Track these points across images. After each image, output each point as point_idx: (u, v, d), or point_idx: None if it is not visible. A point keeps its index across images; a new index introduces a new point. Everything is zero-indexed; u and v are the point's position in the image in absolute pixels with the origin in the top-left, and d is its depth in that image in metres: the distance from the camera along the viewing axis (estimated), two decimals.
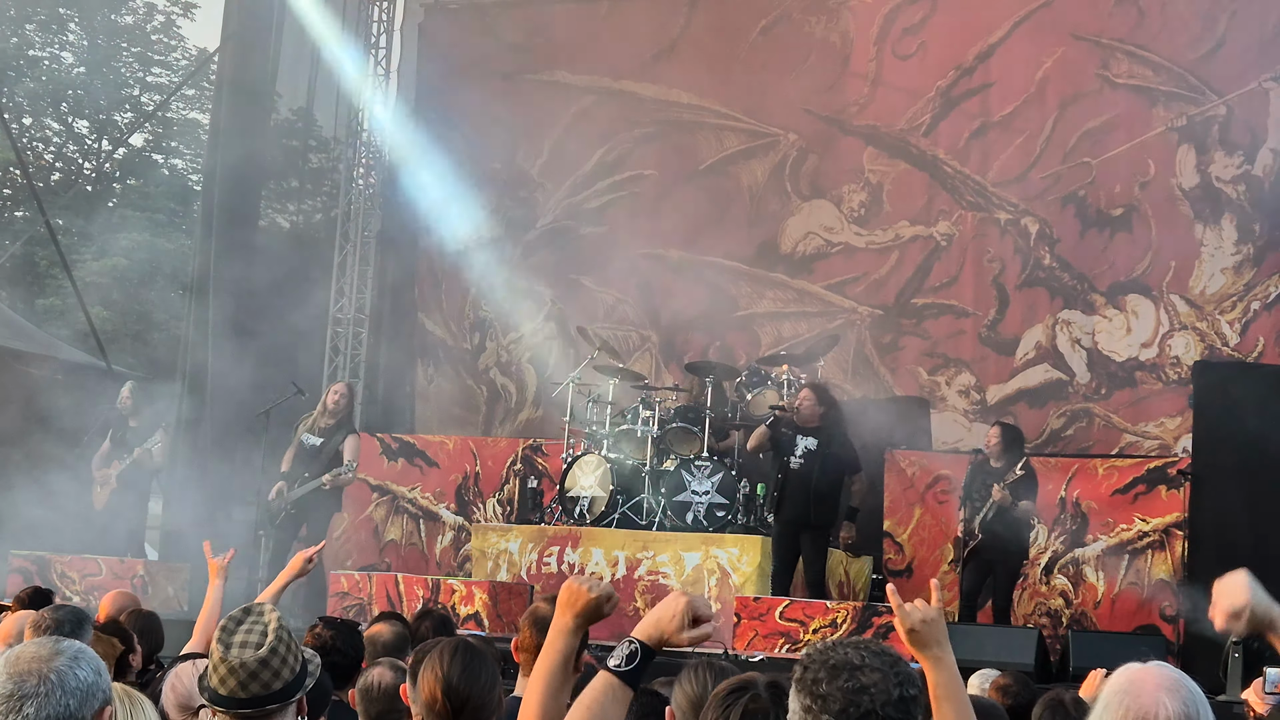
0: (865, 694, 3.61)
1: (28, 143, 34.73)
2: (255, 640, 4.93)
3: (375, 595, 15.84)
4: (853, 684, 3.62)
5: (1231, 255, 18.66)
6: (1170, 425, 18.61)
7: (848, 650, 3.71)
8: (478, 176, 22.86)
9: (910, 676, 3.70)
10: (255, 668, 4.89)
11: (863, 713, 3.59)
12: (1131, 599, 15.95)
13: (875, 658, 3.68)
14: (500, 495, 19.28)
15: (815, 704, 3.64)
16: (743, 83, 21.24)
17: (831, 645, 3.75)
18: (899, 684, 3.65)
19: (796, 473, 15.24)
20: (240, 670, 4.88)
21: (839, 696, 3.61)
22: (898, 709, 3.62)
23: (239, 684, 4.88)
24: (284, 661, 4.94)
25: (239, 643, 4.93)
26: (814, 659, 3.72)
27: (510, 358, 22.66)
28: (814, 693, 3.66)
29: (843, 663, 3.67)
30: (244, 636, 4.94)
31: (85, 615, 7.59)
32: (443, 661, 5.31)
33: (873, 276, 20.57)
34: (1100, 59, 19.49)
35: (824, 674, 3.66)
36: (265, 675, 4.90)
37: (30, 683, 3.77)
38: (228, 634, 4.97)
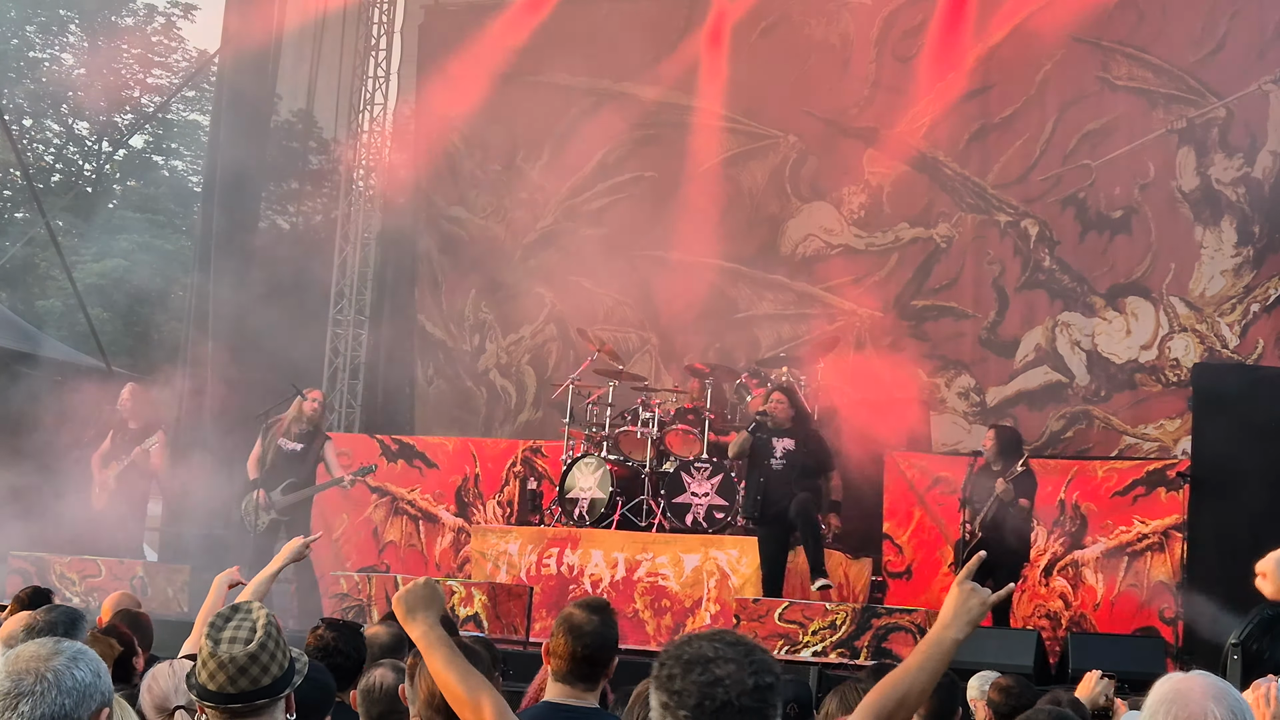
0: (720, 686, 3.59)
1: (28, 144, 34.76)
2: (244, 636, 4.94)
3: (375, 596, 15.83)
4: (706, 677, 3.61)
5: (1231, 257, 18.67)
6: (1170, 427, 18.63)
7: (701, 643, 3.69)
8: (477, 178, 22.88)
9: (766, 664, 3.69)
10: (244, 663, 4.90)
11: (718, 705, 3.58)
12: (1131, 601, 15.95)
13: (729, 648, 3.67)
14: (500, 497, 19.27)
15: (671, 700, 3.63)
16: (743, 84, 21.24)
17: (686, 639, 3.74)
18: (754, 673, 3.64)
19: (779, 474, 15.22)
20: (229, 665, 4.89)
21: (694, 690, 3.60)
22: (754, 698, 3.61)
23: (228, 679, 4.89)
24: (272, 657, 4.95)
25: (228, 638, 4.94)
26: (669, 654, 3.71)
27: (510, 359, 22.67)
28: (669, 689, 3.65)
29: (696, 656, 3.65)
30: (232, 632, 4.95)
31: (79, 615, 7.56)
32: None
33: (872, 278, 20.57)
34: (1100, 61, 19.50)
35: (678, 669, 3.65)
36: (254, 670, 4.91)
37: (27, 681, 3.77)
38: (216, 630, 4.98)
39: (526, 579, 16.19)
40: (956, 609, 4.62)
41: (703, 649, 3.67)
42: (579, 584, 15.95)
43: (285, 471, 16.89)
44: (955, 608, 4.62)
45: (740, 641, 3.72)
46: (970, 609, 4.60)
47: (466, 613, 15.04)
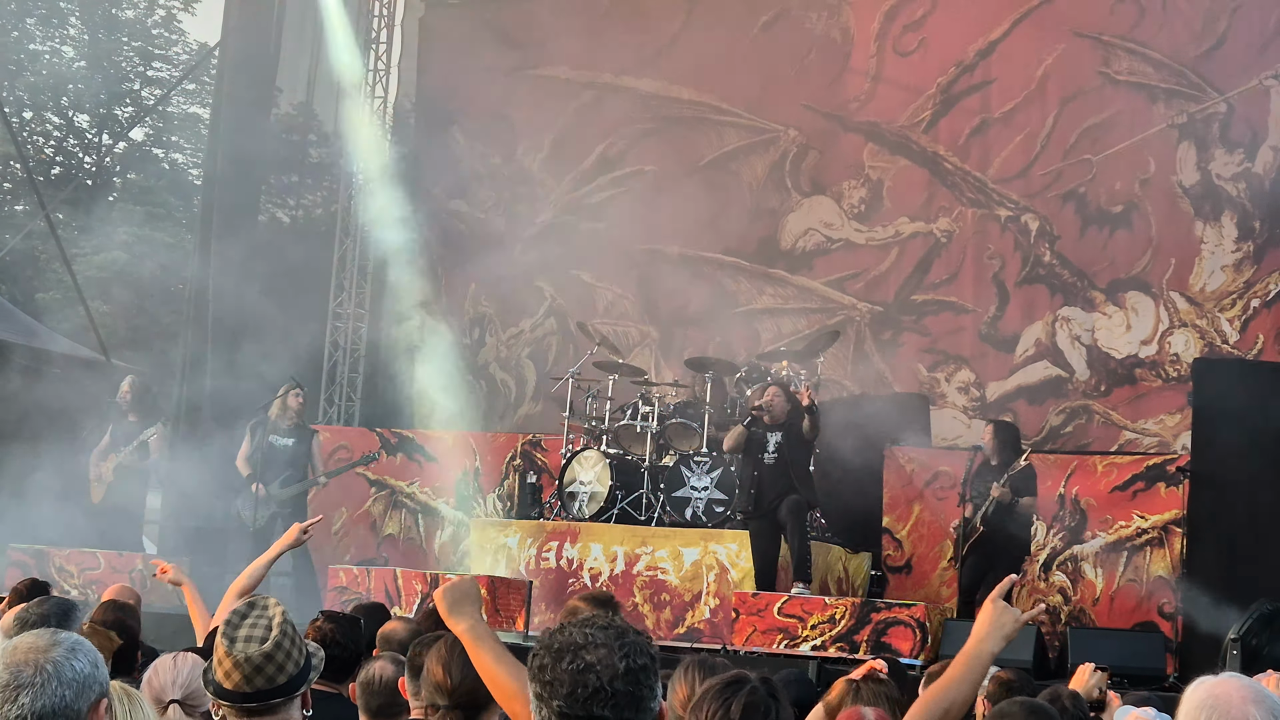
0: (591, 672, 3.58)
1: (28, 136, 34.70)
2: (260, 635, 4.94)
3: (374, 590, 15.83)
4: (577, 664, 3.59)
5: (1231, 253, 18.67)
6: (1169, 422, 18.63)
7: (573, 630, 3.67)
8: (478, 172, 22.87)
9: (639, 646, 3.67)
10: (260, 662, 4.91)
11: (591, 691, 3.57)
12: (1130, 596, 15.93)
13: (600, 633, 3.65)
14: (499, 490, 19.26)
15: (545, 690, 3.62)
16: (743, 79, 21.24)
17: (558, 629, 3.72)
18: (625, 655, 3.62)
19: (771, 468, 15.22)
20: (245, 665, 4.89)
21: (565, 679, 3.59)
22: (626, 681, 3.59)
23: (244, 678, 4.90)
24: (288, 655, 4.95)
25: (244, 637, 4.94)
26: (541, 645, 3.70)
27: (510, 353, 22.68)
28: (541, 679, 3.64)
29: (566, 644, 3.64)
30: (249, 631, 4.96)
31: (72, 606, 7.54)
32: (449, 649, 5.33)
33: (873, 273, 20.58)
34: (1101, 56, 19.49)
35: (549, 659, 3.64)
36: (270, 669, 4.92)
37: (26, 673, 3.76)
38: (232, 628, 4.98)
39: (526, 572, 16.18)
40: (991, 625, 4.85)
41: (573, 636, 3.65)
42: (578, 578, 15.94)
43: (281, 466, 16.92)
44: (990, 624, 4.86)
45: (612, 625, 3.70)
46: (1004, 624, 4.84)
47: None
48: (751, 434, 15.36)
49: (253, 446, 17.09)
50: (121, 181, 36.83)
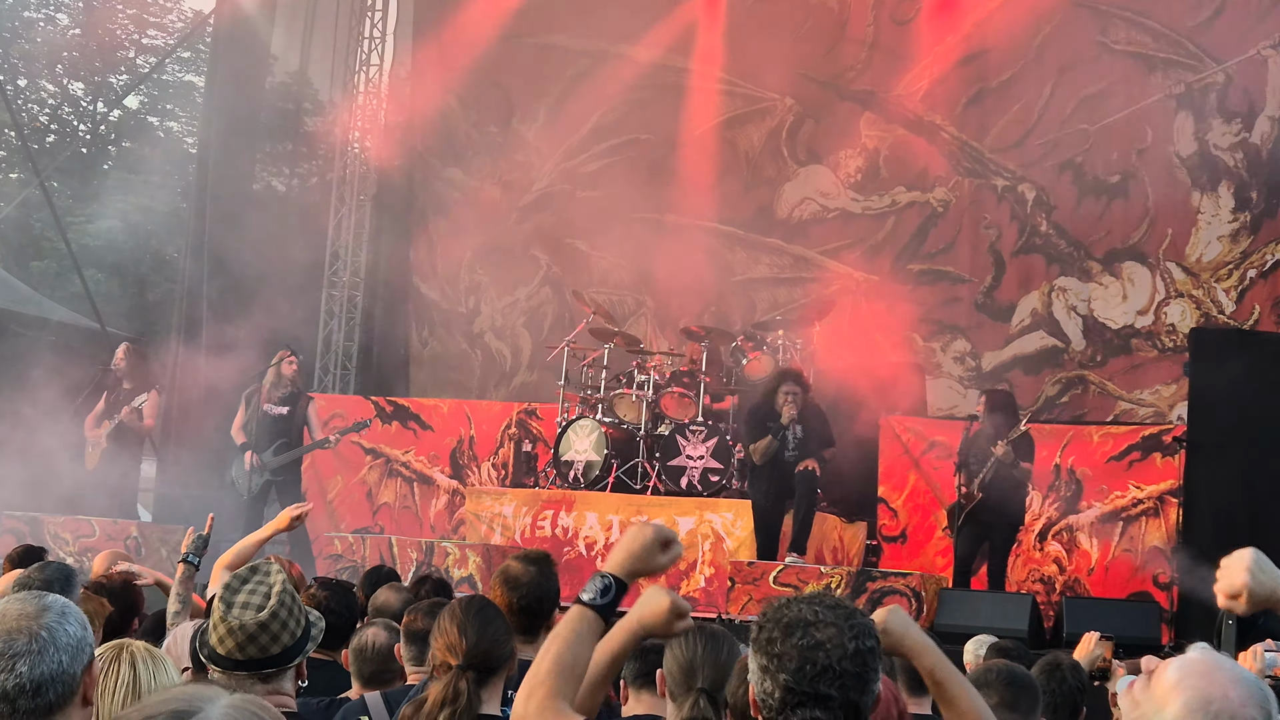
0: (820, 650, 3.60)
1: (23, 104, 34.64)
2: (257, 602, 4.91)
3: (369, 558, 15.81)
4: (807, 640, 3.61)
5: (1228, 223, 18.65)
6: (1165, 393, 18.63)
7: (801, 607, 3.69)
8: (473, 140, 22.82)
9: (867, 628, 3.69)
10: (254, 630, 4.88)
11: (819, 669, 3.59)
12: (1125, 566, 15.94)
13: (830, 612, 3.66)
14: (495, 459, 19.25)
15: (771, 663, 3.64)
16: (740, 47, 21.17)
17: (786, 603, 3.73)
18: (854, 637, 3.63)
19: (790, 461, 15.11)
20: (239, 632, 4.86)
21: (794, 654, 3.61)
22: (854, 662, 3.61)
23: (237, 645, 4.87)
24: (284, 626, 4.92)
25: (240, 603, 4.91)
26: (769, 618, 3.71)
27: (505, 321, 22.65)
28: (769, 652, 3.65)
29: (796, 620, 3.65)
30: (246, 597, 4.93)
31: (73, 573, 7.55)
32: (464, 609, 5.32)
33: (869, 242, 20.56)
34: (1099, 25, 19.43)
35: (778, 633, 3.65)
36: (263, 639, 4.88)
37: (21, 640, 3.72)
38: (231, 593, 4.95)
39: (521, 541, 16.18)
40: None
41: (803, 612, 3.67)
42: (573, 546, 15.94)
43: (274, 434, 16.88)
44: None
45: (840, 605, 3.72)
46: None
47: (461, 574, 15.05)
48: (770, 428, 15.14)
49: (247, 415, 17.05)
50: (116, 150, 36.80)
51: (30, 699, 3.71)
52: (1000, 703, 5.42)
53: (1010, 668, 5.76)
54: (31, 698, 3.71)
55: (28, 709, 3.71)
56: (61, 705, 3.74)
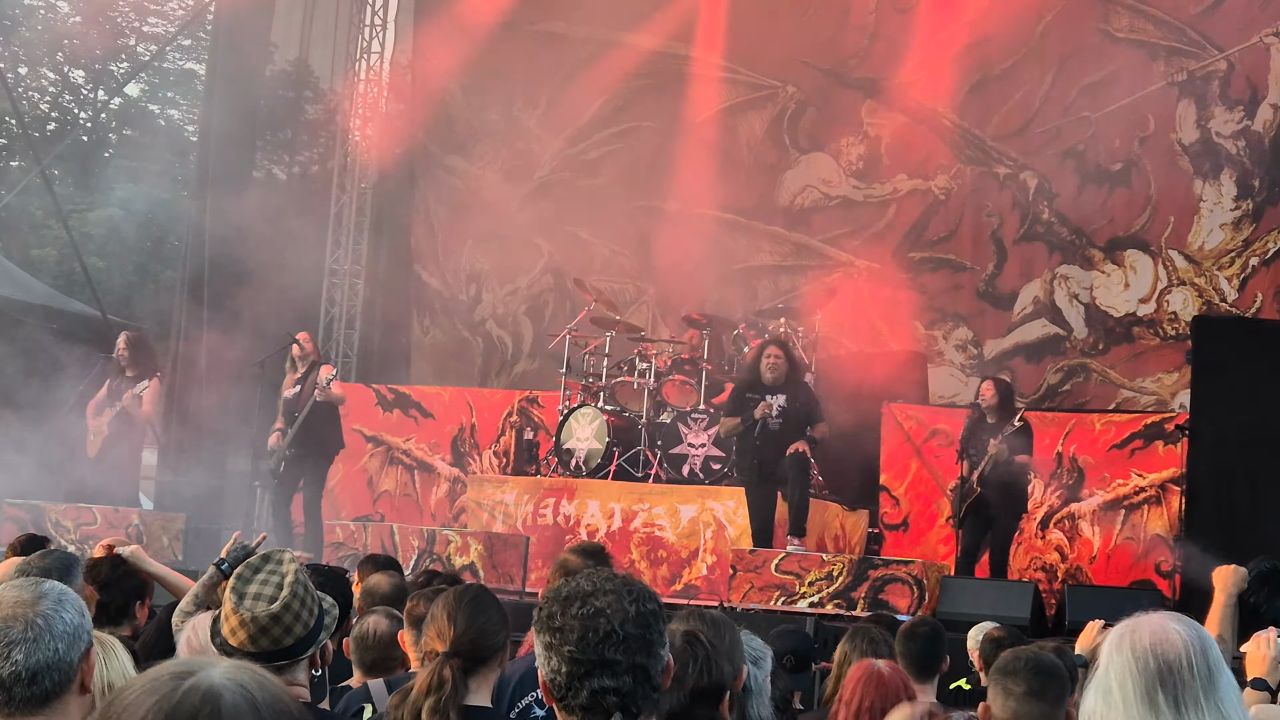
0: (601, 617, 3.57)
1: (23, 92, 34.60)
2: (269, 594, 4.85)
3: (370, 545, 15.81)
4: (587, 609, 3.58)
5: (1230, 211, 18.62)
6: (1167, 381, 18.61)
7: (580, 581, 3.68)
8: (474, 128, 22.80)
9: (647, 593, 3.67)
10: (266, 622, 4.82)
11: (602, 636, 3.56)
12: (1127, 554, 15.94)
13: (607, 581, 3.66)
14: (496, 447, 19.25)
15: (555, 638, 3.60)
16: (742, 35, 21.14)
17: (564, 581, 3.72)
18: (634, 600, 3.62)
19: (775, 434, 15.01)
20: (251, 624, 4.80)
21: (575, 625, 3.57)
22: (637, 624, 3.59)
23: (249, 638, 4.81)
24: (297, 617, 4.87)
25: (253, 594, 4.85)
26: (548, 596, 3.69)
27: (506, 310, 22.64)
28: (550, 627, 3.61)
29: (575, 592, 3.63)
30: (258, 588, 4.86)
31: (75, 560, 7.52)
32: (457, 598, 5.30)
33: (870, 230, 20.54)
34: (1101, 13, 19.41)
35: (557, 607, 3.62)
36: (276, 631, 4.83)
37: (17, 628, 3.71)
38: (243, 583, 4.88)
39: (523, 529, 16.18)
40: None
41: (580, 585, 3.66)
42: (575, 534, 15.92)
43: (293, 414, 16.87)
44: None
45: (615, 576, 3.71)
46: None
47: (463, 562, 15.04)
48: (749, 401, 15.08)
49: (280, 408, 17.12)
50: (117, 138, 36.76)
51: (26, 687, 3.69)
52: (1028, 691, 5.40)
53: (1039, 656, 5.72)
54: (27, 686, 3.70)
55: (24, 697, 3.70)
56: (58, 693, 3.73)
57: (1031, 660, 5.66)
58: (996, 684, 5.50)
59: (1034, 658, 5.69)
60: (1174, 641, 3.64)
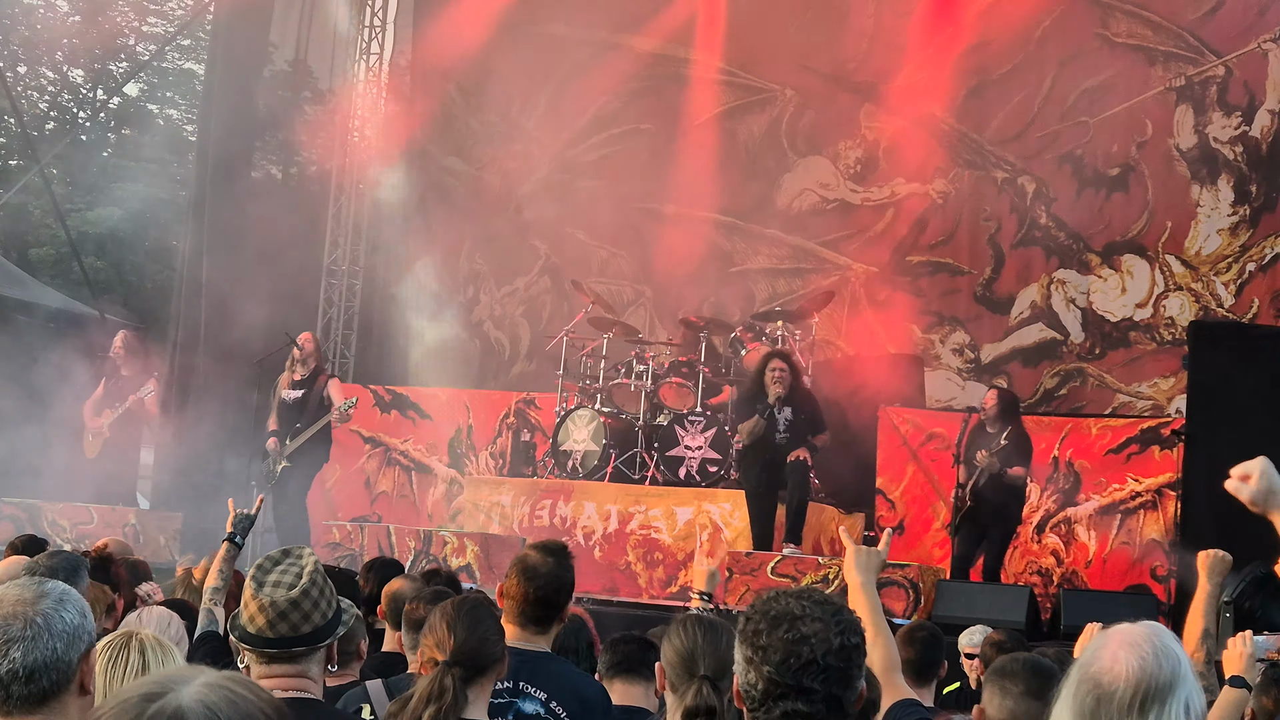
0: (806, 644, 3.62)
1: (22, 91, 34.60)
2: (289, 581, 4.91)
3: (367, 546, 15.83)
4: (793, 634, 3.63)
5: (1228, 216, 18.64)
6: (1164, 386, 18.62)
7: (789, 600, 3.72)
8: (473, 129, 22.81)
9: (853, 625, 3.71)
10: (285, 608, 4.87)
11: (804, 662, 3.61)
12: (1123, 558, 15.95)
13: (817, 607, 3.69)
14: (493, 448, 19.26)
15: (756, 655, 3.66)
16: (740, 37, 21.14)
17: (774, 596, 3.76)
18: (840, 632, 3.66)
19: (782, 448, 15.04)
20: (270, 609, 4.86)
21: (779, 647, 3.63)
22: (839, 657, 3.64)
23: (267, 623, 4.86)
24: (315, 605, 4.91)
25: (273, 582, 4.92)
26: (756, 610, 3.74)
27: (504, 311, 22.65)
28: (754, 644, 3.67)
29: (783, 613, 3.67)
30: (278, 576, 4.93)
31: (81, 562, 7.57)
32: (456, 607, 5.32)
33: (868, 233, 20.55)
34: (1099, 18, 19.42)
35: (764, 625, 3.68)
36: (294, 617, 4.87)
37: (16, 626, 3.72)
38: (263, 572, 4.95)
39: (519, 530, 16.19)
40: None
41: (790, 606, 3.70)
42: (571, 536, 15.93)
43: (290, 421, 16.89)
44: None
45: (828, 601, 3.74)
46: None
47: (459, 563, 15.06)
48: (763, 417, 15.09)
49: (273, 406, 17.13)
50: (116, 137, 36.75)
51: (23, 685, 3.70)
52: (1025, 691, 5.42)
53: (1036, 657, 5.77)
54: (25, 684, 3.70)
55: (21, 695, 3.71)
56: (56, 693, 3.74)
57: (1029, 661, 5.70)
58: (993, 684, 5.53)
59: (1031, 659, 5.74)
60: (1118, 673, 3.63)
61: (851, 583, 5.48)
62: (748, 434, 15.14)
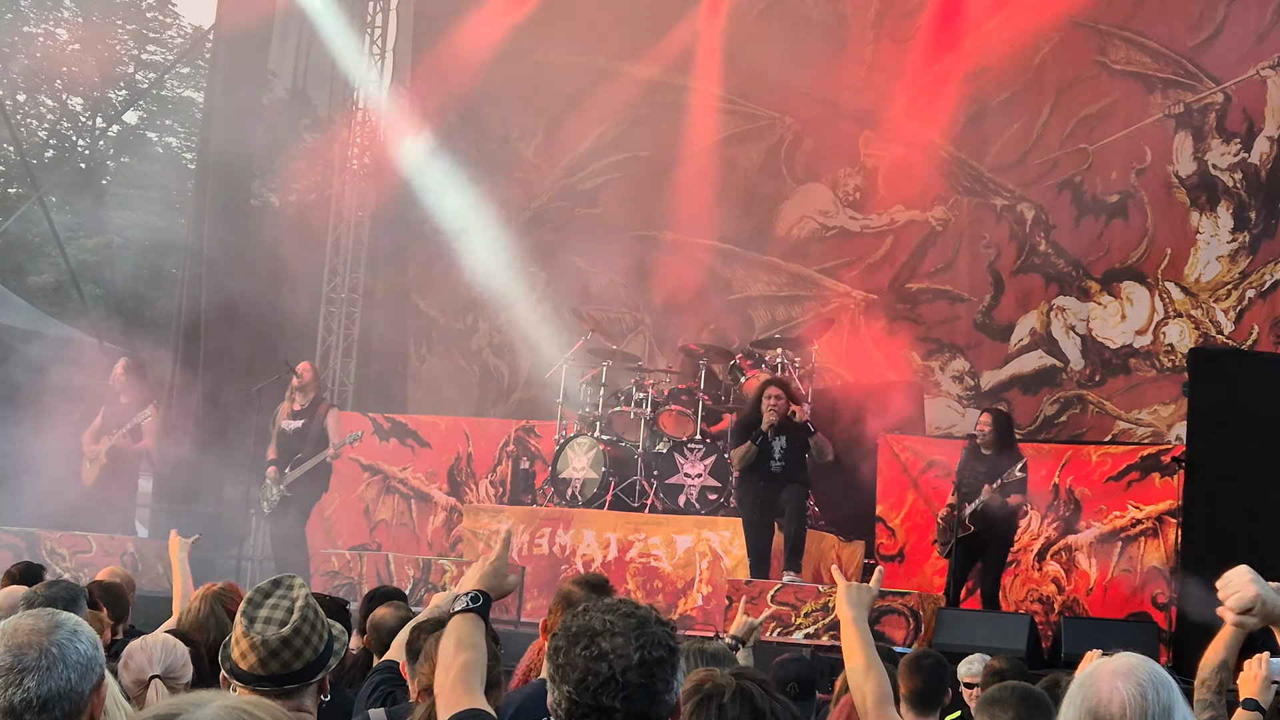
0: (604, 660, 3.50)
1: (22, 119, 34.64)
2: (280, 617, 4.87)
3: (366, 575, 15.81)
4: (591, 651, 3.52)
5: (1227, 243, 18.64)
6: (1164, 413, 18.61)
7: (593, 615, 3.60)
8: (472, 156, 22.82)
9: (658, 638, 3.58)
10: (276, 646, 4.84)
11: (601, 680, 3.49)
12: (1124, 586, 15.93)
13: (620, 620, 3.57)
14: (493, 476, 19.23)
15: (557, 673, 3.56)
16: (739, 65, 21.17)
17: (581, 610, 3.66)
18: (641, 646, 3.53)
19: (778, 476, 15.05)
20: (261, 648, 4.83)
21: (578, 665, 3.52)
22: (640, 673, 3.51)
23: (259, 661, 4.83)
24: (306, 641, 4.89)
25: (263, 618, 4.87)
26: (562, 625, 3.64)
27: (503, 338, 22.64)
28: (554, 661, 3.57)
29: (583, 630, 3.56)
30: (269, 612, 4.89)
31: (80, 591, 7.55)
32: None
33: (867, 261, 20.56)
34: (1098, 45, 19.45)
35: (564, 642, 3.57)
36: (286, 655, 4.85)
37: (30, 656, 3.71)
38: (254, 607, 4.91)
39: (518, 559, 16.16)
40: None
41: (591, 621, 3.58)
42: (571, 564, 15.92)
43: (292, 450, 16.87)
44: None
45: (634, 613, 3.61)
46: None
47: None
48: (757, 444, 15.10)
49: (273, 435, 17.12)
50: (115, 165, 36.81)
51: (36, 715, 3.69)
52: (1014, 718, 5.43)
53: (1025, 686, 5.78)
54: (38, 713, 3.69)
55: None
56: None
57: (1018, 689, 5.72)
58: (984, 713, 5.54)
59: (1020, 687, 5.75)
60: (1116, 702, 3.64)
61: (843, 618, 5.36)
62: (739, 459, 15.14)
